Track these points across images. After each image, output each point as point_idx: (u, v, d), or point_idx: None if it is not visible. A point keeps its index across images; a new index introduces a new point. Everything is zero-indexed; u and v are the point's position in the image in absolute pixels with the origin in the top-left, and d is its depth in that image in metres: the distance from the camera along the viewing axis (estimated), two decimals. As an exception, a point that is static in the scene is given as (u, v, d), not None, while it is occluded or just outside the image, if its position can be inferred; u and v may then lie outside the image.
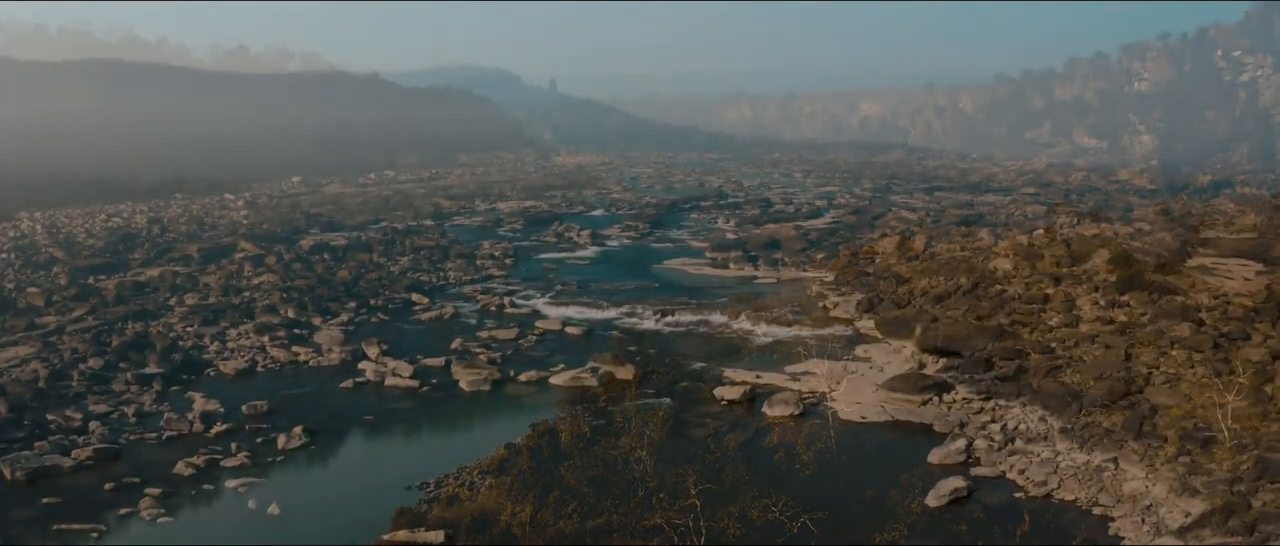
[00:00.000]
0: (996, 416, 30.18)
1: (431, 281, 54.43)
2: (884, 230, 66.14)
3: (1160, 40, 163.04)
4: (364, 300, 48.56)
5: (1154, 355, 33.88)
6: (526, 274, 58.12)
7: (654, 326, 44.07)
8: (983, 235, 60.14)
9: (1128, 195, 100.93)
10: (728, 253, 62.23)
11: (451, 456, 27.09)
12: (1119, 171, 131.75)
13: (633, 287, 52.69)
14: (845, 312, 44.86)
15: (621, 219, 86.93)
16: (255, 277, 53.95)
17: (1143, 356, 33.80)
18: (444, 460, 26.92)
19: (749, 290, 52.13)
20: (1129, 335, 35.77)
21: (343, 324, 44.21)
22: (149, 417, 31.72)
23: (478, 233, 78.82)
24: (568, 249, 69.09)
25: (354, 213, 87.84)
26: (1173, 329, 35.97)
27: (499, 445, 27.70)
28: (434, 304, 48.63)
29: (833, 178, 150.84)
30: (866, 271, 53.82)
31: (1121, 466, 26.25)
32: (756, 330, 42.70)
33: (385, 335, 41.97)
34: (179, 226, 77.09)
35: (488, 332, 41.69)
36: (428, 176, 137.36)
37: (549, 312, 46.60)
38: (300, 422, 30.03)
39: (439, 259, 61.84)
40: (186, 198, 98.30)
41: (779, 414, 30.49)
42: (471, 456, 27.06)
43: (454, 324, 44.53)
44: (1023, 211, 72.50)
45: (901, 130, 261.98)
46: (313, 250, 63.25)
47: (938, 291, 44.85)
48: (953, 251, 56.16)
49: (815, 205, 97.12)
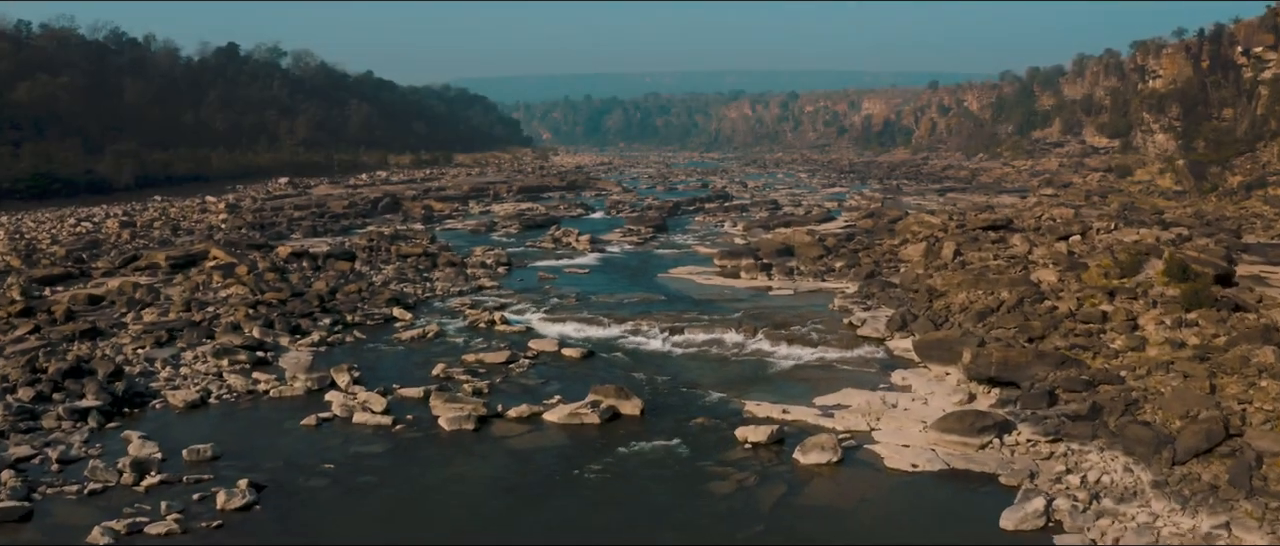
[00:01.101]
0: (1072, 465, 25.48)
1: (417, 293, 49.71)
2: (905, 236, 61.48)
3: (1176, 36, 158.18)
4: (340, 316, 43.85)
5: (1242, 387, 29.18)
6: (521, 284, 53.45)
7: (661, 347, 39.38)
8: (1015, 241, 55.46)
9: (1153, 196, 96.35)
10: (738, 260, 57.62)
11: (417, 526, 22.39)
12: (1136, 171, 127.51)
13: (636, 300, 48.01)
14: (874, 330, 40.16)
15: (622, 222, 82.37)
16: (224, 289, 49.26)
17: (1229, 388, 29.12)
18: (408, 529, 22.25)
19: (764, 303, 47.45)
20: (1209, 362, 31.14)
21: (313, 344, 39.49)
22: (74, 464, 26.97)
23: (470, 238, 74.19)
24: (566, 256, 64.48)
25: (340, 216, 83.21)
26: (1257, 354, 31.35)
27: (478, 511, 23.03)
28: (418, 320, 43.93)
29: (839, 178, 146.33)
30: (892, 282, 49.16)
31: (1236, 533, 21.61)
32: (776, 351, 38.01)
33: (360, 358, 37.27)
34: (152, 231, 72.46)
35: (475, 356, 36.95)
36: (421, 177, 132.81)
37: (544, 330, 41.91)
38: (248, 473, 25.31)
39: (426, 268, 57.14)
40: (165, 200, 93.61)
41: (814, 461, 25.80)
42: (443, 527, 22.37)
43: (438, 344, 39.82)
44: (1050, 215, 67.80)
45: (904, 129, 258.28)
46: (290, 258, 58.56)
47: (979, 307, 40.17)
48: (986, 260, 51.53)
49: (826, 208, 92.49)
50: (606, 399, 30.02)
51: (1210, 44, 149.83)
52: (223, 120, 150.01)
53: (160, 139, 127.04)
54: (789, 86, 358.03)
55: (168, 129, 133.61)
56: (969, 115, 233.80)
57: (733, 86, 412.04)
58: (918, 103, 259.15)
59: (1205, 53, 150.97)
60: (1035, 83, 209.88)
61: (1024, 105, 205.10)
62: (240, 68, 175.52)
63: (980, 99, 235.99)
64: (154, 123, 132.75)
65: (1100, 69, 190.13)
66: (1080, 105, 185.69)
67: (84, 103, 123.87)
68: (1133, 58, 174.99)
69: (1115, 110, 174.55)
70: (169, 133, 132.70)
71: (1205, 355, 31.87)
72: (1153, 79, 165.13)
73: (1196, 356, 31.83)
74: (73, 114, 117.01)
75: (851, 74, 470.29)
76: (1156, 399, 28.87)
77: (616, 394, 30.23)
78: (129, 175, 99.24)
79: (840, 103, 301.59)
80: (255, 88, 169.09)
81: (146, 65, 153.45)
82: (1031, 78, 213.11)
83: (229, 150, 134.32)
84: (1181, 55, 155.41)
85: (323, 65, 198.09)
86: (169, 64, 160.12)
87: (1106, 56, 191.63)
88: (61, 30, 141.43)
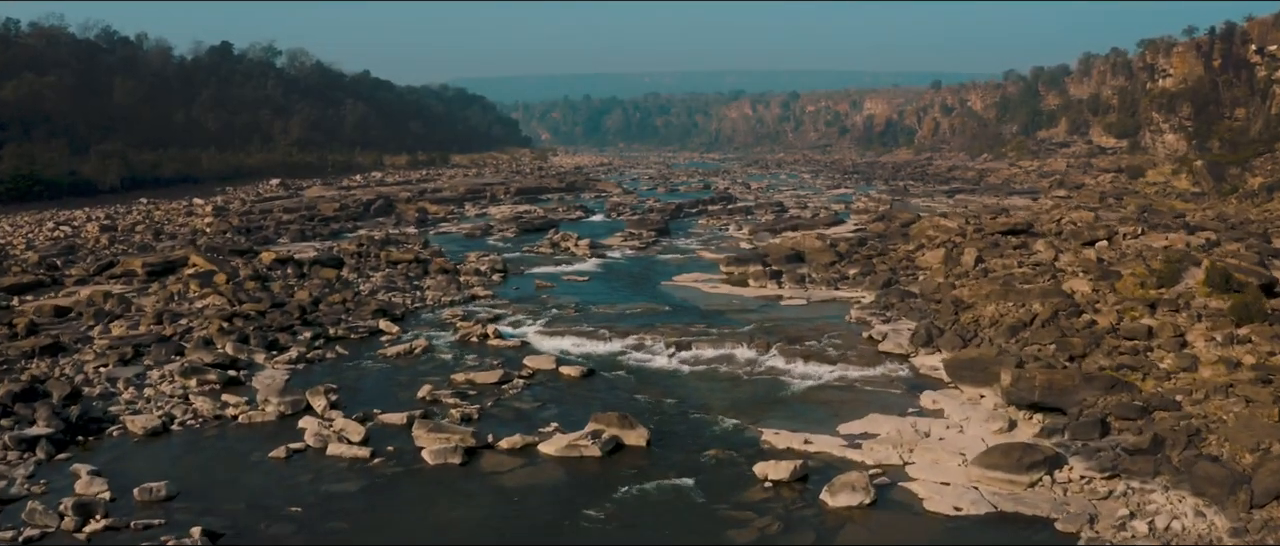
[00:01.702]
0: (1135, 507, 22.55)
1: (406, 303, 46.75)
2: (921, 241, 58.57)
3: (1186, 34, 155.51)
4: (322, 329, 40.88)
5: (1313, 413, 26.34)
6: (517, 293, 50.51)
7: (667, 364, 36.44)
8: (1039, 247, 52.56)
9: (1169, 198, 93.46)
10: (746, 267, 54.74)
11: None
12: (1147, 172, 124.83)
13: (640, 311, 45.06)
14: (897, 345, 37.22)
15: (623, 225, 79.43)
16: (200, 300, 46.34)
17: (1299, 415, 26.25)
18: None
19: (776, 314, 44.51)
20: (1274, 385, 28.22)
21: (291, 361, 36.54)
22: (14, 504, 24.03)
23: (465, 242, 71.24)
24: (564, 261, 61.52)
25: (331, 219, 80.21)
26: (1323, 376, 28.45)
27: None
28: (405, 333, 40.98)
29: (843, 179, 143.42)
30: (912, 292, 46.23)
31: (1337, 594, 18.80)
32: (792, 369, 35.07)
33: (340, 377, 34.34)
34: (134, 236, 69.49)
35: (465, 375, 33.96)
36: (417, 178, 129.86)
37: (541, 345, 38.97)
38: (204, 517, 22.39)
39: (417, 275, 54.18)
40: (151, 202, 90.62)
41: (845, 504, 22.86)
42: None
43: (426, 361, 36.88)
44: (1070, 218, 64.93)
45: (907, 129, 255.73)
46: (274, 265, 55.60)
47: (1010, 321, 37.25)
48: (1010, 267, 48.62)
49: (833, 210, 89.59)
50: (609, 428, 27.08)
51: (1222, 42, 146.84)
52: (215, 120, 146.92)
53: (151, 139, 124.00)
54: (788, 87, 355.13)
55: (159, 129, 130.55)
56: (973, 115, 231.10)
57: (732, 86, 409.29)
58: (920, 102, 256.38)
59: (1217, 51, 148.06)
60: (1040, 82, 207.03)
61: (1029, 105, 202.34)
62: (234, 67, 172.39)
63: (984, 99, 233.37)
64: (144, 122, 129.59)
65: (1107, 68, 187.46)
66: (1087, 105, 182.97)
67: (71, 102, 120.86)
68: (1141, 56, 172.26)
69: (1123, 110, 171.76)
70: (160, 132, 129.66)
71: (1267, 377, 28.97)
72: (1163, 78, 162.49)
73: (1258, 378, 28.90)
74: (60, 113, 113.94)
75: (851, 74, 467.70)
76: (1220, 429, 25.95)
77: (619, 422, 27.28)
78: (115, 176, 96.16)
79: (842, 103, 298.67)
80: (249, 87, 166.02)
81: (138, 64, 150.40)
82: (1036, 77, 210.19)
83: (221, 150, 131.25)
84: (1192, 54, 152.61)
85: (318, 64, 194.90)
86: (161, 63, 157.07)
87: (1113, 55, 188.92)
88: (51, 28, 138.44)
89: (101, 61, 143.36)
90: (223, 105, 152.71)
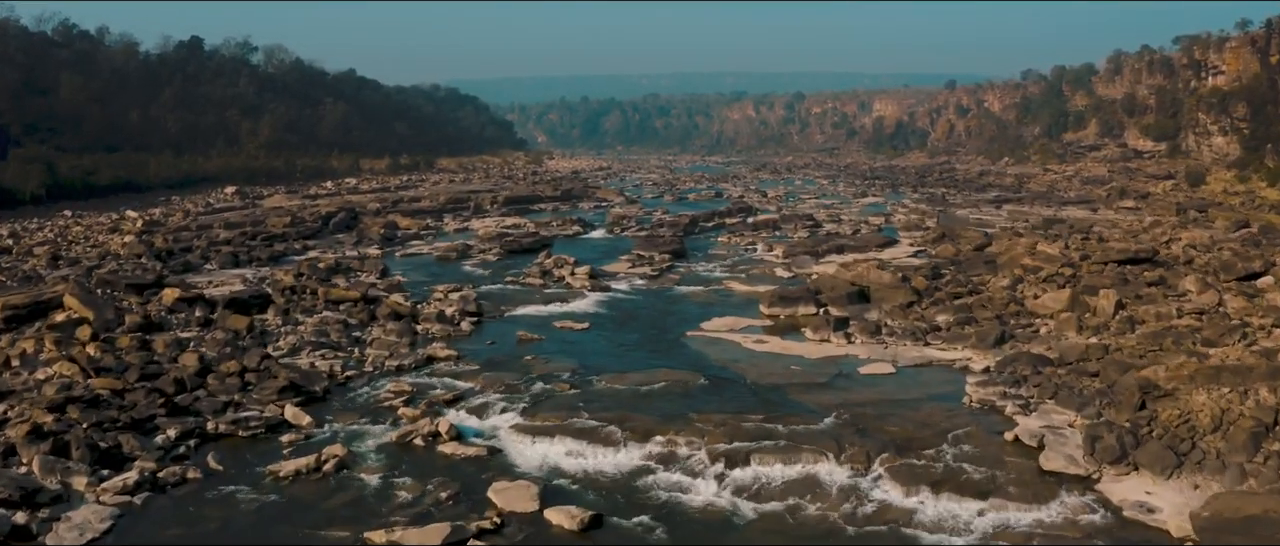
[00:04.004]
0: None
1: (333, 371, 33.33)
2: (1016, 272, 45.45)
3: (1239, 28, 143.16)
4: (197, 422, 27.65)
5: None
6: (491, 350, 37.17)
7: (715, 497, 23.24)
8: (1189, 285, 39.42)
9: (1263, 211, 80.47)
10: (795, 308, 41.75)
11: None
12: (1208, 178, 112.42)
13: (661, 385, 31.61)
14: (1065, 457, 24.05)
15: (629, 243, 66.35)
16: (49, 364, 33.10)
17: None
18: None
19: (856, 390, 31.25)
20: None
21: (127, 488, 23.28)
22: None
23: (434, 269, 57.95)
24: (557, 298, 47.99)
25: (278, 237, 66.89)
26: None
27: None
28: (319, 429, 27.75)
29: (868, 186, 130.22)
30: (1046, 356, 33.00)
31: None
32: (918, 509, 21.93)
33: (193, 526, 21.20)
34: (28, 259, 56.19)
35: (387, 535, 20.69)
36: (395, 184, 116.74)
37: (519, 454, 25.77)
38: None
39: (361, 322, 40.86)
40: (75, 215, 77.33)
41: None
42: None
43: (338, 489, 23.63)
44: (1190, 242, 51.90)
45: (919, 131, 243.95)
46: (177, 305, 42.34)
47: (1245, 423, 24.06)
48: (1166, 315, 35.45)
49: (873, 224, 76.55)
50: None
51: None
52: (176, 121, 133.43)
53: (98, 142, 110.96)
54: (789, 88, 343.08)
55: (109, 130, 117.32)
56: (990, 116, 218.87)
57: (732, 87, 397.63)
58: (933, 103, 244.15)
59: (1274, 46, 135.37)
60: (1064, 82, 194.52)
61: (1053, 106, 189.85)
62: (203, 64, 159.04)
63: (1002, 99, 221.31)
64: (93, 123, 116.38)
65: (1142, 66, 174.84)
66: (1120, 105, 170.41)
67: (7, 100, 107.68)
68: (1184, 53, 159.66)
69: (1162, 110, 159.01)
70: (110, 134, 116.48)
71: None
72: (1213, 75, 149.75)
73: None
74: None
75: (854, 76, 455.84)
76: None
77: None
78: (37, 185, 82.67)
79: (849, 104, 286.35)
80: (218, 85, 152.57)
81: (96, 60, 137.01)
82: (1059, 77, 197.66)
83: (177, 155, 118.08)
84: (1247, 49, 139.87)
85: (298, 62, 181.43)
86: (123, 60, 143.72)
87: (1145, 52, 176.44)
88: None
89: (51, 57, 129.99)
90: (186, 105, 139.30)
